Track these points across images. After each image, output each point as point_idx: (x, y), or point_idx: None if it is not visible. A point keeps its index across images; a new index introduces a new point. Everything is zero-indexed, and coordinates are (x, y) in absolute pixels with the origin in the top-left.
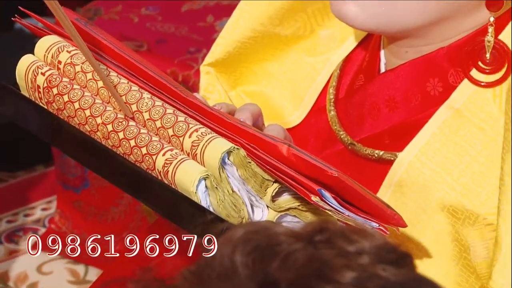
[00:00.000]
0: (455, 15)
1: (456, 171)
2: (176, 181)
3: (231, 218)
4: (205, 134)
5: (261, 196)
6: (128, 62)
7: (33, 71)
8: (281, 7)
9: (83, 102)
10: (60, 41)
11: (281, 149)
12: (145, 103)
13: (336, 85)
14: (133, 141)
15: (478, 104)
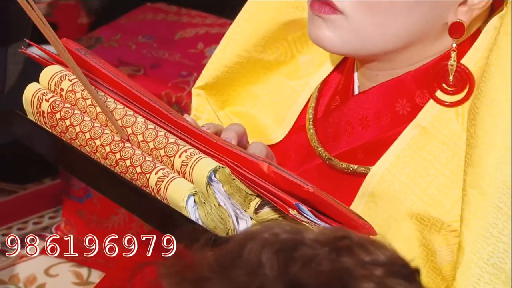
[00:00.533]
0: (421, 41)
1: (423, 183)
2: (167, 197)
3: (218, 229)
4: (194, 154)
5: (245, 209)
6: (124, 88)
7: (38, 98)
8: (264, 35)
9: (83, 125)
10: (62, 70)
11: (262, 167)
12: (139, 126)
13: (315, 106)
14: (128, 161)
15: (443, 122)
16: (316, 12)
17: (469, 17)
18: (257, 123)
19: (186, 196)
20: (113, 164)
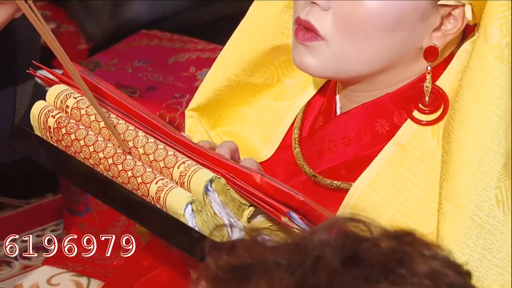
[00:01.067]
0: (397, 65)
1: (402, 197)
2: (167, 205)
3: (214, 236)
4: (191, 166)
5: (239, 218)
6: (125, 106)
7: (45, 114)
8: (252, 60)
9: (87, 140)
10: (67, 89)
11: (255, 178)
12: (140, 140)
13: (300, 126)
14: (130, 172)
15: (420, 140)
16: (300, 40)
17: (443, 42)
18: (246, 142)
19: (184, 204)
20: (115, 175)
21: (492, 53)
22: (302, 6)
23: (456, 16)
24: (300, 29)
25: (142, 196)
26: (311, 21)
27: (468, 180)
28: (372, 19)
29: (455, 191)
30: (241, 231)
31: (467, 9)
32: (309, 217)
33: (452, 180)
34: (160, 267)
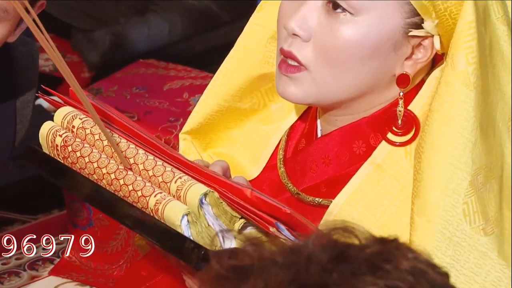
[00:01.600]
0: (373, 91)
1: (378, 212)
2: (164, 217)
3: (207, 245)
4: (187, 181)
5: (230, 229)
6: (126, 127)
7: (53, 134)
8: (240, 87)
9: (91, 156)
10: (73, 110)
11: (245, 192)
12: (140, 157)
13: (284, 147)
14: (131, 186)
15: (394, 160)
16: (283, 72)
17: (414, 70)
18: (235, 162)
19: (181, 215)
20: (117, 189)
21: (459, 80)
22: (285, 38)
23: (426, 46)
24: (284, 61)
25: (142, 208)
26: (293, 52)
27: (438, 197)
28: (349, 49)
29: (425, 207)
30: (232, 241)
31: (435, 39)
32: (295, 229)
33: (423, 197)
34: (158, 277)
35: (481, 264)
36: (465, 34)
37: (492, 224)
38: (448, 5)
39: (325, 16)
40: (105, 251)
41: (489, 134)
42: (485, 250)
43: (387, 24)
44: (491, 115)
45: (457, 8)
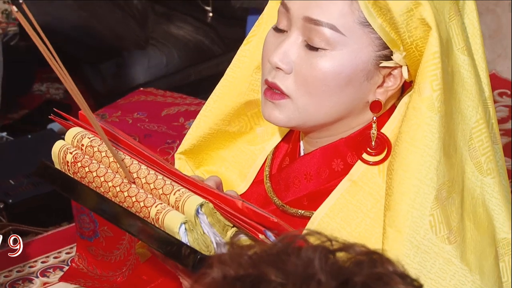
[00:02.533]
0: (348, 116)
1: (354, 224)
2: (164, 225)
3: (202, 251)
4: (185, 193)
5: (223, 236)
6: (131, 146)
7: (64, 151)
8: (229, 112)
9: (99, 171)
10: (82, 131)
11: (237, 203)
12: (143, 172)
13: (270, 165)
14: (134, 197)
15: (368, 177)
16: (268, 98)
17: (385, 97)
18: (225, 179)
19: (179, 224)
20: (122, 201)
21: (425, 105)
22: (269, 70)
23: (396, 75)
24: (269, 89)
25: (144, 218)
26: (277, 83)
27: (406, 210)
28: (326, 80)
29: (396, 218)
30: (225, 248)
31: (404, 69)
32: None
33: (393, 210)
34: (158, 280)
35: (445, 270)
36: (430, 64)
37: (455, 233)
38: (414, 39)
39: (304, 50)
40: (109, 260)
41: (451, 152)
42: (449, 257)
43: (360, 57)
44: (453, 135)
45: (422, 42)
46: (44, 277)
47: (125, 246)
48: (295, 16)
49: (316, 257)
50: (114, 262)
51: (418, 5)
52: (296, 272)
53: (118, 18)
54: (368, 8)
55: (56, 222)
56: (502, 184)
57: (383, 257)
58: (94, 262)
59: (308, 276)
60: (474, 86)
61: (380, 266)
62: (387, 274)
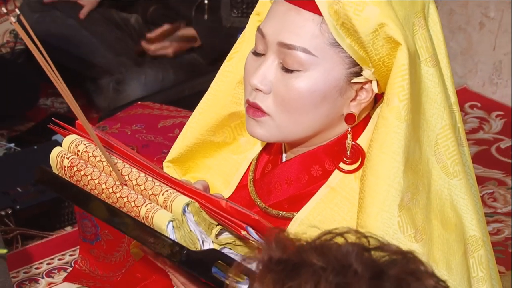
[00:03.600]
0: (325, 129)
1: (332, 226)
2: (153, 223)
3: (189, 247)
4: (172, 193)
5: (208, 234)
6: (123, 151)
7: (61, 157)
8: (214, 123)
9: (93, 175)
10: (78, 138)
11: (221, 203)
12: (134, 174)
13: (254, 170)
14: (125, 198)
15: (345, 183)
16: (251, 115)
17: (359, 109)
18: (210, 185)
19: (167, 222)
20: (114, 201)
21: (392, 114)
22: (249, 91)
23: (367, 89)
24: (250, 108)
25: (135, 217)
26: (257, 103)
27: (376, 212)
28: (302, 98)
29: (367, 220)
30: (210, 245)
31: (373, 83)
32: (262, 233)
33: (365, 212)
34: (151, 278)
35: None
36: (398, 76)
37: (421, 232)
38: (380, 56)
39: (280, 72)
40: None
41: (416, 158)
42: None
43: (332, 75)
44: (419, 142)
45: (388, 58)
46: (49, 277)
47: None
48: (270, 41)
49: (354, 250)
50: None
51: (382, 25)
52: (335, 260)
53: (117, 37)
54: (337, 30)
55: (60, 227)
56: (469, 185)
57: (416, 257)
58: (96, 264)
59: (346, 266)
60: (439, 94)
61: (413, 263)
62: (419, 270)
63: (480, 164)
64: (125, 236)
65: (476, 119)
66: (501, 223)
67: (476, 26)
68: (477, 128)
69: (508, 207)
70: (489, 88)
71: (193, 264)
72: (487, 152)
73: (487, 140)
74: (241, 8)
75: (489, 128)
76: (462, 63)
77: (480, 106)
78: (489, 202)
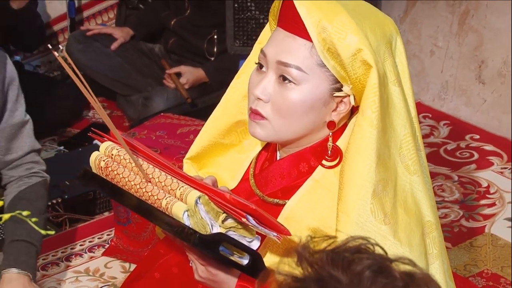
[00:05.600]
0: (311, 133)
1: (316, 212)
2: (172, 212)
3: (201, 231)
4: (187, 188)
5: (216, 220)
6: (147, 154)
7: (98, 159)
8: (223, 129)
9: (124, 174)
10: (112, 144)
11: (226, 196)
12: (156, 173)
13: (254, 167)
14: (150, 193)
15: (327, 177)
16: (252, 119)
17: (338, 118)
18: (220, 178)
19: (183, 211)
20: (141, 195)
21: (366, 122)
22: (252, 100)
23: (346, 102)
24: (252, 113)
25: (157, 207)
26: (258, 109)
27: (353, 200)
28: (294, 106)
29: (346, 207)
30: (217, 228)
31: (351, 98)
32: (260, 219)
33: (344, 201)
34: (171, 253)
35: (382, 244)
36: (370, 93)
37: (389, 217)
38: (357, 76)
39: (278, 85)
40: (139, 239)
41: (386, 158)
42: (385, 234)
43: (319, 89)
44: (387, 145)
45: (363, 77)
46: (90, 252)
47: (150, 230)
48: (270, 60)
49: None
50: (142, 241)
51: (359, 50)
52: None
53: (144, 63)
54: (324, 54)
55: (99, 212)
56: (425, 181)
57: None
58: (128, 241)
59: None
60: (403, 108)
61: None
62: None
63: (431, 162)
64: None
65: (428, 127)
66: (448, 209)
67: (428, 54)
68: (429, 134)
69: (453, 196)
70: (438, 103)
71: (204, 245)
72: (437, 153)
73: (437, 143)
74: (242, 39)
75: (438, 134)
76: (416, 83)
77: (431, 117)
78: (439, 192)
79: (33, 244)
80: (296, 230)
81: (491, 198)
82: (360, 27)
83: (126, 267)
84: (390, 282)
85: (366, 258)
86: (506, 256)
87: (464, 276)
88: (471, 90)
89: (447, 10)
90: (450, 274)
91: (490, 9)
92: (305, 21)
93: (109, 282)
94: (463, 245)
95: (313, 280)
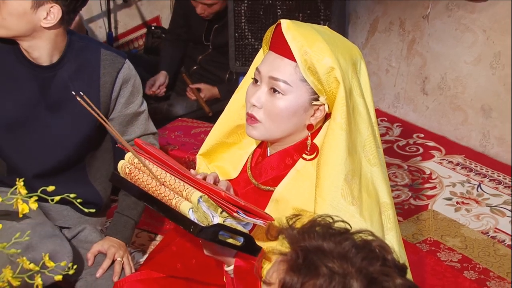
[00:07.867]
0: (294, 133)
1: (299, 195)
2: (180, 209)
3: (204, 223)
4: (191, 190)
5: (216, 212)
6: (161, 159)
7: (124, 166)
8: (227, 131)
9: (143, 179)
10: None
11: (222, 194)
12: (168, 178)
13: (251, 160)
14: (163, 194)
15: (306, 168)
16: (248, 123)
17: (316, 122)
18: (225, 170)
19: (188, 208)
20: (157, 196)
21: (337, 126)
22: (249, 107)
23: (321, 109)
24: (248, 117)
25: (169, 205)
26: (253, 114)
27: (328, 186)
28: (281, 113)
29: (322, 191)
30: (217, 219)
31: (326, 106)
32: (249, 211)
33: (320, 187)
34: (181, 239)
35: (351, 221)
36: (340, 102)
37: (356, 199)
38: (330, 89)
39: (269, 95)
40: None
41: (353, 153)
42: (353, 213)
43: (301, 99)
44: (354, 144)
45: (335, 90)
46: None
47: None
48: (263, 76)
49: None
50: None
51: (332, 69)
52: None
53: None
54: (305, 71)
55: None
56: (382, 171)
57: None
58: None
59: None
60: (366, 115)
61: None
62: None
63: (387, 155)
64: None
65: (384, 128)
66: (400, 191)
67: (384, 71)
68: (385, 133)
69: (404, 181)
70: (392, 109)
71: (206, 235)
72: (391, 148)
73: (391, 140)
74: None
75: (392, 133)
76: (375, 94)
77: (387, 120)
78: (393, 178)
79: (131, 218)
80: (283, 209)
81: (433, 183)
82: (333, 51)
83: (152, 236)
84: (358, 244)
85: (337, 230)
86: (444, 227)
87: (412, 242)
88: (417, 100)
89: (399, 38)
90: (401, 242)
91: (431, 38)
92: (291, 46)
93: (138, 248)
94: (412, 219)
95: (297, 250)
